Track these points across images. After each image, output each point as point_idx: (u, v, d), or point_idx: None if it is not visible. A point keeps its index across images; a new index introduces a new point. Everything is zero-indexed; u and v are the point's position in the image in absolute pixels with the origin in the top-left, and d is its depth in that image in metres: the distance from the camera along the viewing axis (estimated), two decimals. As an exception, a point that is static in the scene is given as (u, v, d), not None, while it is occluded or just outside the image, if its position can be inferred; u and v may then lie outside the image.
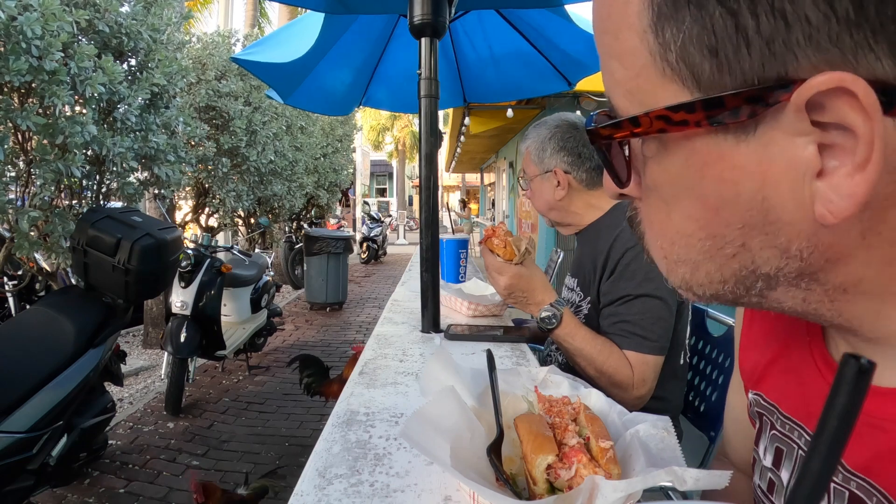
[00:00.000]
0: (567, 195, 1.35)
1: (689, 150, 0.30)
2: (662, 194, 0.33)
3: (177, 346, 3.26)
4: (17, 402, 1.82)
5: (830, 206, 0.26)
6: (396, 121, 23.48)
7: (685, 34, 0.27)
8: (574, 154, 1.33)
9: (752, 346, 0.54)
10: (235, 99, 4.75)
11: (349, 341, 5.20)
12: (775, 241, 0.29)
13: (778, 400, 0.47)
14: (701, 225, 0.32)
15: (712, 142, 0.29)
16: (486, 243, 1.20)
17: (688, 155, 0.30)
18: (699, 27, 0.26)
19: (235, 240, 6.52)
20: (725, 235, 0.31)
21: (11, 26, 1.94)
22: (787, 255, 0.30)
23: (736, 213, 0.30)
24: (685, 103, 0.28)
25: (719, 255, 0.32)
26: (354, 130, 10.29)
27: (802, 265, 0.30)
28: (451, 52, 2.62)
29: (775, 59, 0.25)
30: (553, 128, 1.36)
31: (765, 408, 0.49)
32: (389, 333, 1.30)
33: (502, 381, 0.66)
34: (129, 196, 2.87)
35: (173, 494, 2.45)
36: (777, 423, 0.46)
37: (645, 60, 0.29)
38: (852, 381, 0.17)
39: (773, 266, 0.31)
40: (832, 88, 0.24)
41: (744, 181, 0.28)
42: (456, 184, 27.12)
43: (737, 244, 0.31)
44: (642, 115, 0.30)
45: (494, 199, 13.45)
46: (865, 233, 0.28)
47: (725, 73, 0.26)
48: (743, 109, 0.26)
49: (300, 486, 0.59)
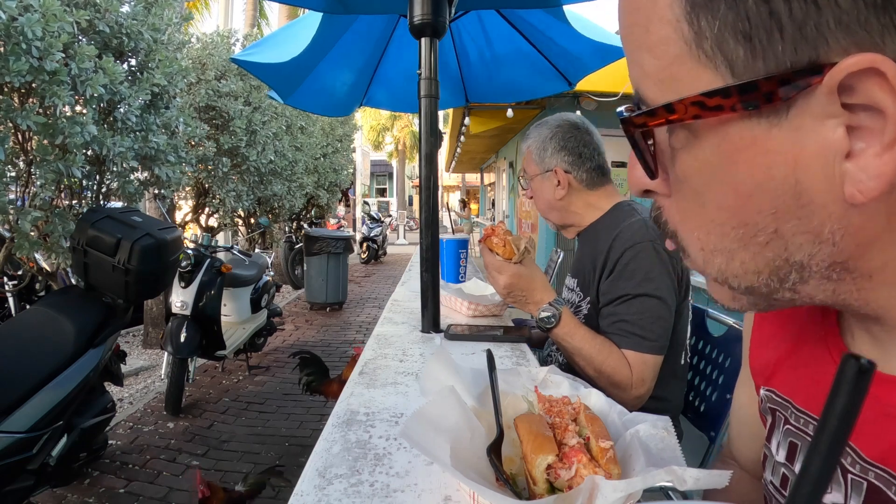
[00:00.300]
0: (567, 195, 1.35)
1: (722, 136, 0.30)
2: (694, 185, 0.33)
3: (177, 346, 3.26)
4: (17, 402, 1.82)
5: (860, 186, 0.27)
6: (396, 121, 23.48)
7: (720, 22, 0.27)
8: (575, 154, 1.33)
9: (764, 344, 0.54)
10: (235, 99, 4.75)
11: (349, 341, 5.20)
12: (808, 225, 0.30)
13: (792, 394, 0.47)
14: (733, 212, 0.32)
15: (745, 127, 0.29)
16: (486, 242, 1.20)
17: (719, 141, 0.30)
18: (734, 14, 0.27)
19: (235, 240, 6.52)
20: (758, 223, 0.31)
21: (12, 27, 1.94)
22: (819, 239, 0.30)
23: (768, 198, 0.30)
24: (720, 88, 0.28)
25: (752, 244, 0.32)
26: (354, 130, 10.29)
27: (834, 251, 0.30)
28: (453, 53, 2.63)
29: (807, 43, 0.26)
30: (554, 128, 1.36)
31: (778, 403, 0.49)
32: (389, 333, 1.30)
33: (502, 381, 0.66)
34: (129, 196, 2.87)
35: (173, 494, 2.45)
36: (791, 418, 0.46)
37: (679, 49, 0.30)
38: (852, 381, 0.17)
39: (805, 253, 0.31)
40: (863, 70, 0.25)
41: (776, 165, 0.29)
42: (456, 184, 27.11)
43: (769, 231, 0.31)
44: (677, 102, 0.30)
45: (494, 199, 13.45)
46: (891, 215, 0.29)
47: (759, 58, 0.27)
48: (777, 93, 0.27)
49: (300, 486, 0.60)
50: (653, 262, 1.15)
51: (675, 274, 1.17)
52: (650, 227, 1.19)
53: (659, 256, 1.15)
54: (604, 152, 1.37)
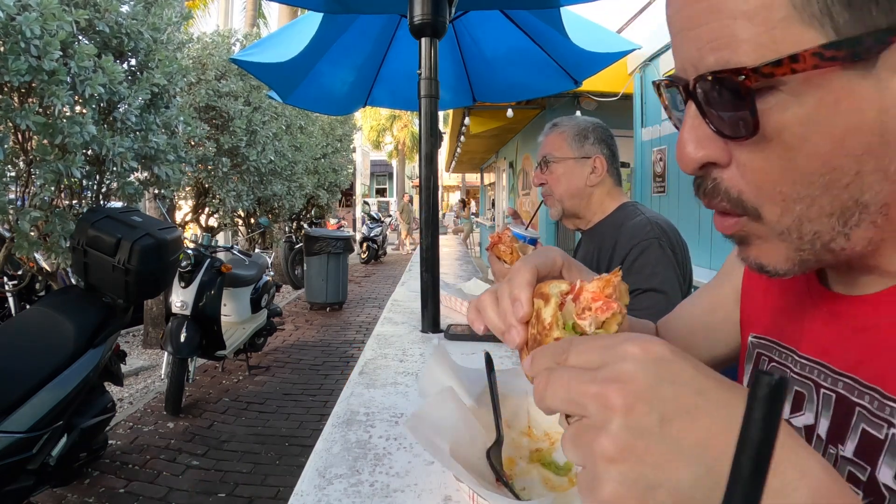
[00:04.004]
0: (598, 184, 1.40)
1: (826, 88, 0.34)
2: (786, 139, 0.36)
3: (177, 346, 3.26)
4: (17, 402, 1.82)
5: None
6: (396, 121, 23.47)
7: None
8: (611, 150, 1.42)
9: (753, 296, 0.59)
10: (235, 99, 4.75)
11: (349, 341, 5.20)
12: (882, 163, 0.35)
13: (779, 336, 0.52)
14: (825, 160, 0.35)
15: (845, 77, 0.34)
16: (493, 250, 1.21)
17: (823, 94, 0.34)
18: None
19: (235, 240, 6.52)
20: (844, 166, 0.35)
21: (10, 26, 1.94)
22: (886, 176, 0.35)
23: (860, 139, 0.35)
24: (836, 41, 0.33)
25: (835, 186, 0.36)
26: (354, 130, 10.29)
27: (892, 189, 0.36)
28: (458, 53, 2.63)
29: (893, 10, 0.32)
30: (592, 123, 1.43)
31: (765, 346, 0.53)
32: (389, 333, 1.30)
33: (501, 381, 0.66)
34: (129, 196, 2.87)
35: (173, 494, 2.45)
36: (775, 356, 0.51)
37: (786, 12, 0.34)
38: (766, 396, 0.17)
39: (874, 191, 0.36)
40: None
41: (867, 110, 0.34)
42: (456, 184, 27.11)
43: (853, 172, 0.35)
44: (801, 53, 0.33)
45: (494, 199, 13.45)
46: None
47: (857, 20, 0.32)
48: (874, 47, 0.33)
49: (300, 486, 0.59)
50: (659, 257, 1.18)
51: (679, 270, 1.20)
52: (655, 226, 1.23)
53: (664, 252, 1.18)
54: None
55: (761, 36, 0.34)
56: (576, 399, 0.30)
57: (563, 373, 0.31)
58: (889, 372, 0.38)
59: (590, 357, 0.31)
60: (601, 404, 0.28)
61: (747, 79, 0.35)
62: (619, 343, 0.31)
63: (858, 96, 0.34)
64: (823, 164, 0.36)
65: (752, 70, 0.34)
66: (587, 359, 0.32)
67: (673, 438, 0.27)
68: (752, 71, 0.34)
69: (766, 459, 0.17)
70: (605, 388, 0.28)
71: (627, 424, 0.27)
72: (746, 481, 0.17)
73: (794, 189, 0.37)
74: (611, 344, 0.31)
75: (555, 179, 1.43)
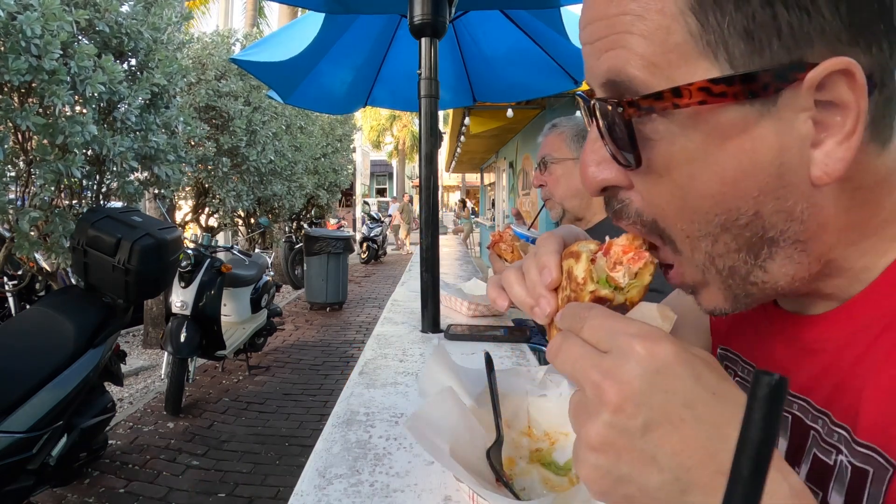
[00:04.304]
0: None
1: (714, 124, 0.32)
2: (675, 175, 0.35)
3: (177, 346, 3.26)
4: (17, 401, 1.82)
5: (826, 169, 0.32)
6: (396, 121, 23.47)
7: (729, 18, 0.31)
8: None
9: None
10: (235, 99, 4.75)
11: (349, 341, 5.20)
12: (784, 204, 0.33)
13: (740, 350, 0.51)
14: (717, 200, 0.34)
15: (739, 115, 0.32)
16: (495, 248, 1.21)
17: (710, 130, 0.33)
18: (741, 14, 0.30)
19: (235, 240, 6.52)
20: (740, 207, 0.34)
21: (11, 25, 1.94)
22: (791, 216, 0.34)
23: (754, 181, 0.33)
24: (727, 76, 0.31)
25: (733, 226, 0.35)
26: (354, 130, 10.29)
27: (801, 228, 0.34)
28: (458, 53, 2.63)
29: (797, 45, 0.30)
30: None
31: (730, 359, 0.53)
32: (389, 333, 1.30)
33: (502, 381, 0.65)
34: (129, 196, 2.87)
35: (173, 494, 2.45)
36: (739, 371, 0.51)
37: (682, 39, 0.32)
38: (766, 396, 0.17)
39: (778, 229, 0.34)
40: (837, 70, 0.30)
41: (763, 150, 0.32)
42: (456, 184, 27.12)
43: (750, 213, 0.34)
44: (683, 87, 0.31)
45: (494, 199, 13.45)
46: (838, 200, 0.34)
47: (756, 53, 0.31)
48: (772, 85, 0.31)
49: (300, 486, 0.59)
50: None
51: None
52: None
53: None
54: None
55: (656, 56, 0.33)
56: (578, 378, 0.32)
57: (574, 346, 0.33)
58: (835, 397, 0.37)
59: (601, 336, 0.32)
60: (596, 394, 0.30)
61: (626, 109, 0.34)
62: (629, 334, 0.30)
63: (754, 136, 0.32)
64: (715, 204, 0.34)
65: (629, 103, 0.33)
66: (598, 337, 0.32)
67: (651, 444, 0.29)
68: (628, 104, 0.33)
69: (766, 459, 0.17)
70: (603, 382, 0.30)
71: (614, 422, 0.29)
72: (746, 481, 0.17)
73: (692, 227, 0.36)
74: (622, 331, 0.31)
75: (554, 180, 1.43)
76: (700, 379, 0.29)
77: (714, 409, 0.29)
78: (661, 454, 0.29)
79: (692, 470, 0.28)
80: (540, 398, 0.67)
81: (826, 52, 0.30)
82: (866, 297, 0.36)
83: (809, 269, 0.36)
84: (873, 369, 0.33)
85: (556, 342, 0.35)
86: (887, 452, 0.31)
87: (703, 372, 0.30)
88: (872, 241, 0.36)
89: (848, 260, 0.36)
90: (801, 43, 0.30)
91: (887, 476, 0.31)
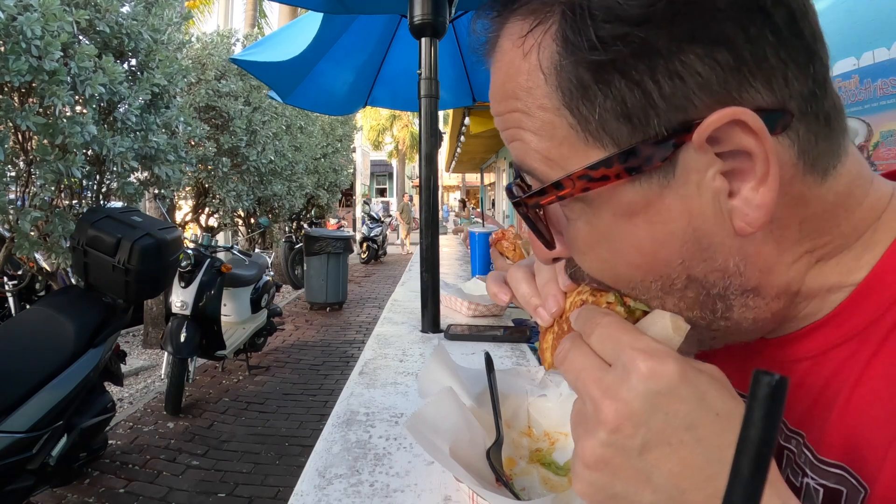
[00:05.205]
0: None
1: (615, 203, 0.32)
2: (599, 251, 0.36)
3: (177, 346, 3.26)
4: (17, 401, 1.82)
5: (747, 219, 0.31)
6: (396, 121, 23.46)
7: (600, 108, 0.30)
8: None
9: None
10: (235, 99, 4.75)
11: (349, 341, 5.20)
12: (714, 264, 0.33)
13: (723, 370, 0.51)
14: (645, 270, 0.34)
15: (638, 191, 0.31)
16: (497, 246, 1.21)
17: (614, 209, 0.33)
18: (611, 101, 0.30)
19: (235, 240, 6.52)
20: (670, 273, 0.34)
21: (11, 26, 1.94)
22: (726, 273, 0.33)
23: (673, 250, 0.33)
24: (602, 160, 0.31)
25: (673, 290, 0.34)
26: (354, 130, 10.29)
27: (743, 280, 0.33)
28: (458, 53, 2.63)
29: (677, 110, 0.29)
30: None
31: None
32: (389, 333, 1.30)
33: (502, 381, 0.66)
34: (129, 196, 2.87)
35: (173, 494, 2.45)
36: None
37: (566, 133, 0.32)
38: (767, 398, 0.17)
39: (720, 286, 0.34)
40: (726, 122, 0.28)
41: (673, 220, 0.32)
42: (456, 184, 27.11)
43: (683, 278, 0.34)
44: (565, 179, 0.32)
45: (494, 199, 13.45)
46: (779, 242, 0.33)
47: (640, 131, 0.30)
48: (655, 155, 0.30)
49: (300, 486, 0.59)
50: None
51: None
52: None
53: None
54: None
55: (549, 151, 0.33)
56: (580, 390, 0.32)
57: (580, 357, 0.33)
58: (806, 417, 0.36)
59: (608, 346, 0.32)
60: (596, 411, 0.30)
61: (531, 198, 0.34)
62: (635, 350, 0.30)
63: (660, 208, 0.32)
64: (645, 273, 0.34)
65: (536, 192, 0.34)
66: (605, 347, 0.32)
67: (648, 465, 0.29)
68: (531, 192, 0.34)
69: (766, 459, 0.17)
70: (604, 400, 0.30)
71: (611, 440, 0.29)
72: (746, 481, 0.17)
73: (634, 292, 0.36)
74: (630, 344, 0.31)
75: None
76: (704, 399, 0.29)
77: (716, 430, 0.28)
78: (657, 475, 0.29)
79: (687, 492, 0.28)
80: (540, 398, 0.67)
81: (714, 105, 0.29)
82: (837, 315, 0.35)
83: (770, 309, 0.35)
84: (843, 389, 0.33)
85: (564, 347, 0.35)
86: (859, 474, 0.31)
87: (709, 391, 0.29)
88: (834, 264, 0.35)
89: (813, 286, 0.35)
90: (683, 106, 0.29)
91: (860, 498, 0.30)
